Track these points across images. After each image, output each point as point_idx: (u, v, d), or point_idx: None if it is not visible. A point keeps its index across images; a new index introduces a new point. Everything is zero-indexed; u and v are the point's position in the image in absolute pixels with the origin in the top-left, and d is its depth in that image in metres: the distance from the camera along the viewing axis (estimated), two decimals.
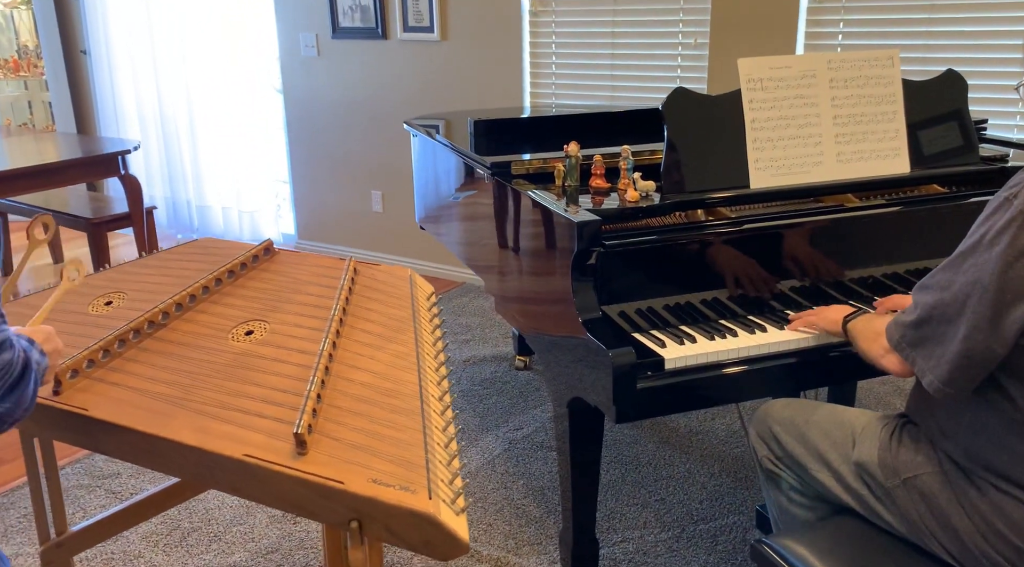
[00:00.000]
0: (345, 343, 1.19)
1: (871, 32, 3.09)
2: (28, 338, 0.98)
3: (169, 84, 5.06)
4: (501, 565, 2.21)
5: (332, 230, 4.80)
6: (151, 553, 2.28)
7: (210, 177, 5.13)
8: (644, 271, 1.83)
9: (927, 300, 1.32)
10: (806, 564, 1.45)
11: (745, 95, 1.95)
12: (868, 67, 2.02)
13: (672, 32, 3.51)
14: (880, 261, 2.01)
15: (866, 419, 1.59)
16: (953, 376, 1.27)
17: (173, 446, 1.06)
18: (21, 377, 0.89)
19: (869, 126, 2.03)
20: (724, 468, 2.64)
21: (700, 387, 1.72)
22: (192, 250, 1.48)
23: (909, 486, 1.43)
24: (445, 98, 4.15)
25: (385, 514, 0.94)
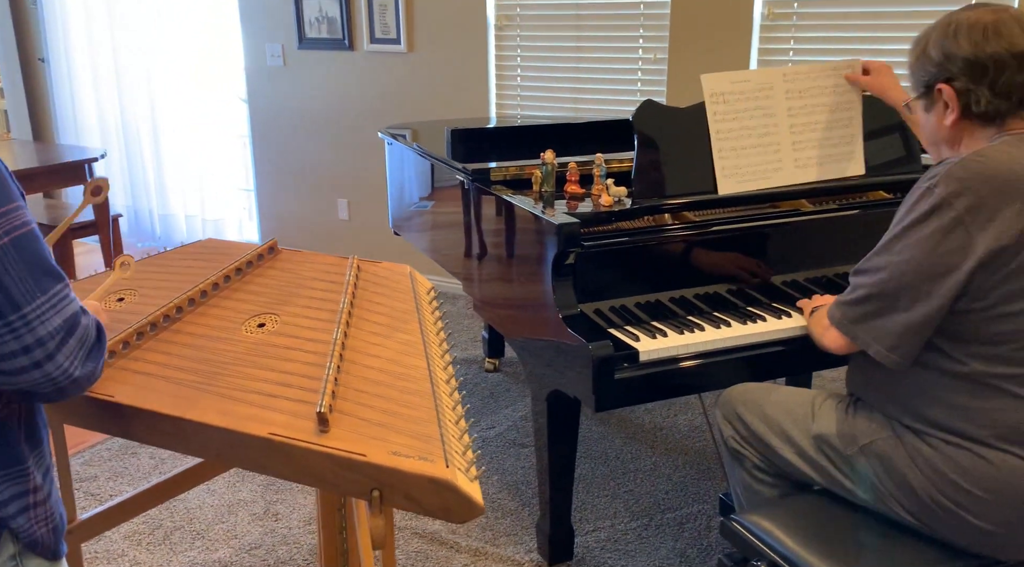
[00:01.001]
0: (355, 333, 1.29)
1: (820, 49, 3.28)
2: None
3: (131, 92, 5.06)
4: (480, 555, 2.31)
5: (297, 238, 4.84)
6: (134, 551, 2.32)
7: (174, 186, 5.13)
8: (617, 271, 1.95)
9: (866, 281, 1.49)
10: (773, 537, 1.58)
11: (709, 108, 2.09)
12: (825, 77, 2.17)
13: (632, 47, 3.66)
14: (832, 261, 2.17)
15: (823, 396, 1.73)
16: (898, 343, 1.45)
17: (200, 428, 1.13)
18: (97, 340, 0.97)
19: (824, 133, 2.19)
20: (687, 461, 2.78)
21: (672, 377, 1.84)
22: (198, 250, 1.56)
23: (867, 452, 1.57)
24: (412, 109, 4.25)
25: (405, 482, 1.03)
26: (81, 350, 0.95)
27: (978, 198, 1.36)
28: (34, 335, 0.90)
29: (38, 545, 0.99)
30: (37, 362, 0.91)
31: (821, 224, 2.13)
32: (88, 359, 0.96)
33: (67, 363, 0.93)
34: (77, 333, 0.95)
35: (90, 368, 0.97)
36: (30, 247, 0.93)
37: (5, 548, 0.96)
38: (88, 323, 0.96)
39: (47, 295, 0.93)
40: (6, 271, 0.90)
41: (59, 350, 0.92)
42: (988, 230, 1.36)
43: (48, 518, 1.01)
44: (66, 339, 0.93)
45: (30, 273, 0.92)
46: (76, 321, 0.95)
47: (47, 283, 0.93)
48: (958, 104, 1.45)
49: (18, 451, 0.98)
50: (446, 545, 2.35)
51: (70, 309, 0.95)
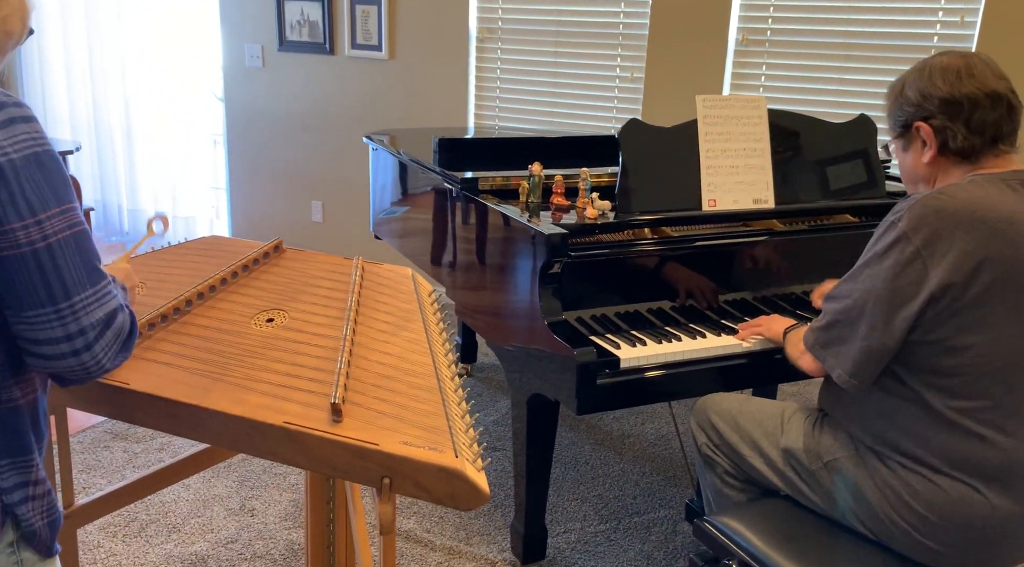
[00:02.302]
0: (362, 330, 1.35)
1: (792, 75, 3.42)
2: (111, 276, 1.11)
3: (105, 87, 5.03)
4: (454, 553, 2.37)
5: (268, 237, 4.85)
6: (110, 543, 2.34)
7: (145, 182, 5.10)
8: (600, 281, 2.04)
9: (833, 307, 1.59)
10: (743, 537, 1.67)
11: (701, 128, 2.20)
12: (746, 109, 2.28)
13: (611, 66, 3.77)
14: (801, 279, 2.28)
15: (792, 410, 1.83)
16: (856, 369, 1.54)
17: (215, 416, 1.18)
18: (130, 335, 1.02)
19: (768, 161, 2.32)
20: (655, 468, 2.87)
21: (650, 384, 1.93)
22: (203, 246, 1.60)
23: (830, 467, 1.67)
24: (391, 115, 4.30)
25: (415, 471, 1.10)
26: (116, 343, 1.00)
27: (934, 233, 1.44)
28: (78, 324, 0.96)
29: (35, 537, 1.03)
30: (76, 350, 0.96)
31: (790, 244, 2.25)
32: (121, 351, 1.01)
33: (102, 354, 0.98)
34: (114, 327, 1.00)
35: (121, 360, 1.02)
36: (85, 243, 0.99)
37: (6, 535, 0.99)
38: (125, 319, 1.02)
39: (95, 288, 0.98)
40: (66, 261, 0.95)
41: (97, 341, 0.98)
42: (941, 265, 1.43)
43: (47, 512, 1.05)
44: (104, 331, 0.98)
45: (84, 266, 0.98)
46: (115, 316, 1.01)
47: (96, 277, 0.99)
48: (935, 141, 1.54)
49: (27, 441, 1.02)
50: (421, 543, 2.40)
51: (112, 304, 1.01)
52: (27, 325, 0.95)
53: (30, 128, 0.96)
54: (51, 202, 0.95)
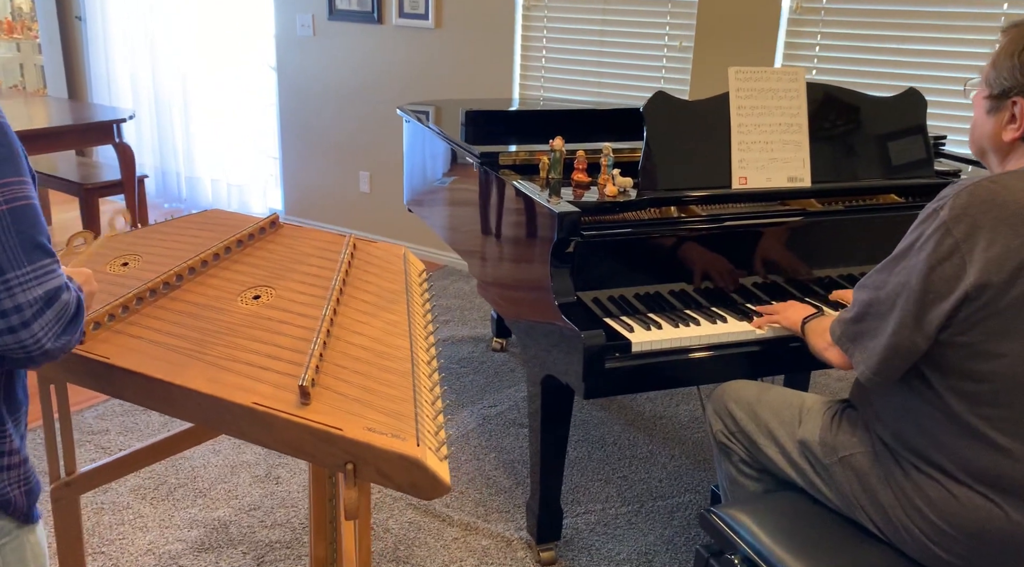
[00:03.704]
0: (344, 310, 1.33)
1: (846, 46, 3.24)
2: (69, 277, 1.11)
3: (164, 56, 5.13)
4: (471, 530, 2.36)
5: (319, 208, 4.90)
6: (139, 505, 2.41)
7: (201, 150, 5.20)
8: (618, 261, 1.97)
9: (863, 298, 1.48)
10: (748, 532, 1.61)
11: (733, 102, 2.10)
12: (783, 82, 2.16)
13: (659, 35, 3.65)
14: (836, 263, 2.17)
15: (812, 402, 1.75)
16: (881, 366, 1.43)
17: (187, 393, 1.18)
18: (75, 315, 1.01)
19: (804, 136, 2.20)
20: (684, 451, 2.81)
21: (663, 369, 1.87)
22: (202, 220, 1.60)
23: (845, 464, 1.59)
24: (436, 85, 4.26)
25: (377, 458, 1.08)
26: (57, 324, 0.99)
27: (976, 225, 1.31)
28: (13, 301, 0.95)
29: (10, 505, 1.04)
30: (12, 327, 0.95)
31: (827, 225, 2.13)
32: (63, 333, 1.00)
33: (41, 333, 0.97)
34: (55, 306, 0.99)
35: (63, 341, 1.01)
36: (26, 220, 0.97)
37: None
38: (69, 299, 1.00)
39: (33, 266, 0.97)
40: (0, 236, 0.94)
41: (35, 319, 0.96)
42: (980, 261, 1.31)
43: (22, 481, 1.06)
44: (43, 310, 0.97)
45: (21, 243, 0.96)
46: (57, 296, 0.99)
47: (36, 256, 0.98)
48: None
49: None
50: (439, 518, 2.41)
51: (53, 283, 0.99)
52: None
53: None
54: None
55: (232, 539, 2.28)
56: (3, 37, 5.92)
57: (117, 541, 2.25)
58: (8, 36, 5.92)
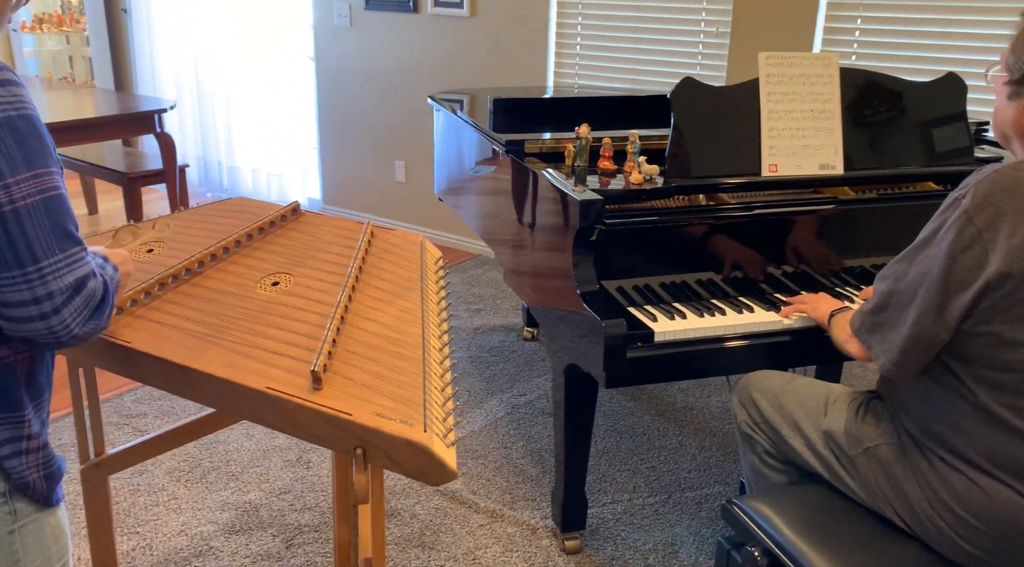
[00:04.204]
0: (359, 297, 1.34)
1: (887, 30, 3.16)
2: (103, 256, 1.14)
3: (206, 47, 5.21)
4: (496, 516, 2.37)
5: (355, 197, 4.94)
6: (173, 487, 2.47)
7: (241, 139, 5.28)
8: (643, 250, 1.96)
9: (883, 289, 1.45)
10: (770, 524, 1.59)
11: (763, 88, 2.06)
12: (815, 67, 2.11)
13: (695, 20, 3.59)
14: (869, 252, 2.12)
15: (838, 392, 1.72)
16: (901, 358, 1.40)
17: (204, 377, 1.21)
18: (102, 301, 1.04)
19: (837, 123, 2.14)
20: (715, 442, 2.78)
21: (687, 359, 1.85)
22: (227, 207, 1.63)
23: (869, 455, 1.56)
24: (471, 74, 4.26)
25: (386, 443, 1.08)
26: (85, 310, 1.02)
27: (999, 214, 1.29)
28: (46, 288, 0.98)
29: (29, 488, 1.07)
30: (44, 314, 0.98)
31: (860, 213, 2.09)
32: (91, 318, 1.03)
33: (70, 319, 1.00)
34: (84, 293, 1.02)
35: (91, 326, 1.04)
36: (57, 209, 1.00)
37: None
38: (96, 286, 1.03)
39: (64, 254, 1.00)
40: (32, 226, 0.97)
41: (65, 306, 0.99)
42: (1003, 251, 1.28)
43: (41, 465, 1.09)
44: (73, 297, 1.00)
45: (52, 232, 0.99)
46: (85, 283, 1.02)
47: (66, 244, 1.01)
48: None
49: (18, 397, 1.06)
50: (465, 504, 2.42)
51: (82, 271, 1.02)
52: None
53: (6, 92, 0.97)
54: (20, 166, 0.96)
55: (262, 522, 2.32)
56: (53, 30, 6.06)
57: (151, 522, 2.31)
58: (58, 29, 6.07)
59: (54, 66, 6.21)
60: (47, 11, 6.04)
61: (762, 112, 2.08)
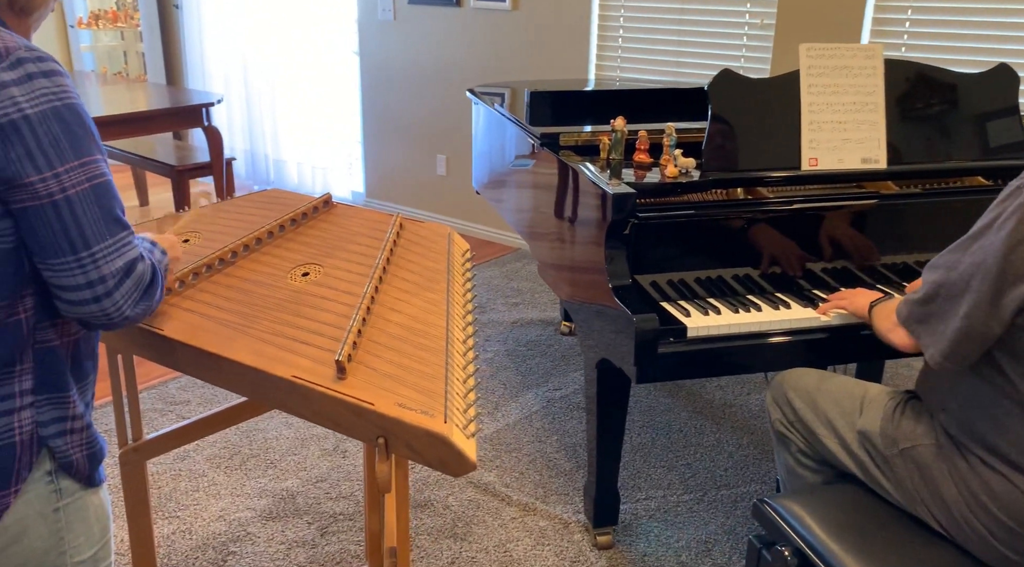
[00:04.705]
0: (386, 288, 1.35)
1: (939, 21, 3.07)
2: (151, 240, 1.17)
3: (254, 42, 5.30)
4: (529, 510, 2.37)
5: (398, 190, 4.98)
6: (213, 473, 2.52)
7: (287, 133, 5.36)
8: (677, 244, 1.94)
9: (934, 278, 1.41)
10: (802, 524, 1.56)
11: (804, 80, 2.02)
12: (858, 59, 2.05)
13: (739, 12, 3.54)
14: (912, 248, 2.07)
15: (875, 392, 1.68)
16: (952, 350, 1.37)
17: (233, 365, 1.23)
18: (151, 283, 1.08)
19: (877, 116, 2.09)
20: (753, 441, 2.74)
21: (719, 356, 1.83)
22: (262, 199, 1.65)
23: (906, 456, 1.52)
24: (513, 67, 4.26)
25: (407, 433, 1.09)
26: (136, 291, 1.06)
27: None
28: (98, 272, 1.01)
29: (72, 467, 1.11)
30: (97, 297, 1.02)
31: (904, 208, 2.04)
32: (141, 300, 1.07)
33: (122, 301, 1.04)
34: (134, 276, 1.06)
35: (142, 308, 1.08)
36: (106, 195, 1.04)
37: (43, 464, 1.08)
38: (145, 269, 1.07)
39: (114, 239, 1.04)
40: (84, 212, 1.01)
41: (117, 288, 1.03)
42: None
43: (85, 445, 1.12)
44: (123, 280, 1.04)
45: (102, 218, 1.03)
46: (135, 266, 1.06)
47: (115, 229, 1.04)
48: None
49: (64, 379, 1.09)
50: (498, 497, 2.43)
51: (131, 254, 1.06)
52: (52, 272, 1.01)
53: (51, 83, 0.99)
54: (68, 155, 0.99)
55: (298, 509, 2.36)
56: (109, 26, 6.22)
57: (191, 507, 2.36)
58: (113, 25, 6.22)
59: (109, 61, 6.37)
60: (103, 7, 6.20)
61: (803, 105, 2.04)
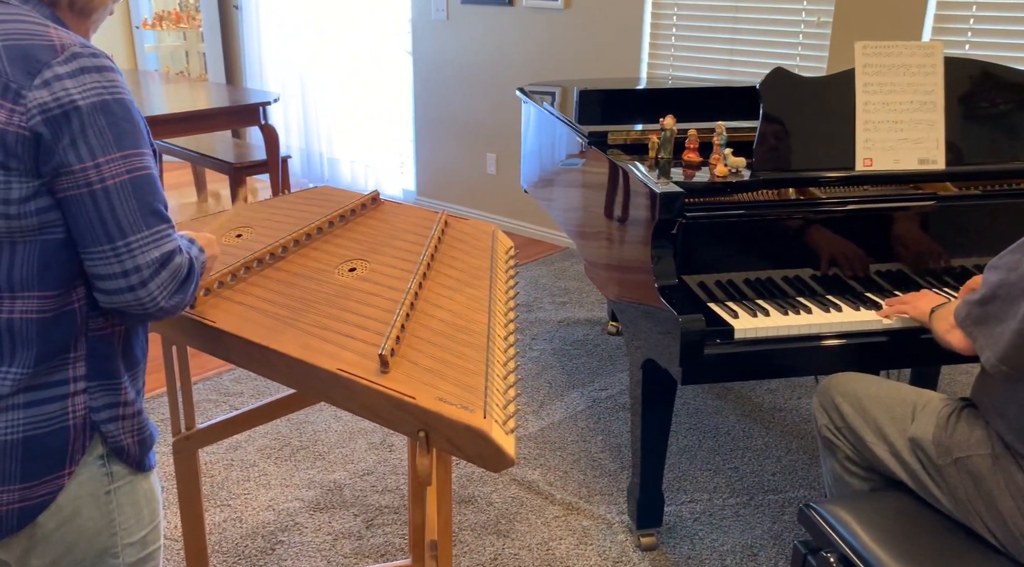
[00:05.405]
0: (429, 284, 1.36)
1: (1005, 17, 2.97)
2: (190, 238, 1.21)
3: (310, 42, 5.39)
4: (572, 509, 2.37)
5: (448, 189, 5.02)
6: (264, 463, 2.58)
7: (341, 132, 5.44)
8: (726, 245, 1.91)
9: (993, 279, 1.37)
10: (849, 530, 1.53)
11: (859, 78, 1.98)
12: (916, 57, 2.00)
13: (795, 9, 3.48)
14: (971, 251, 2.01)
15: (929, 398, 1.64)
16: (1008, 353, 1.33)
17: (280, 357, 1.26)
18: (187, 277, 1.11)
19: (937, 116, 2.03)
20: (803, 445, 2.69)
21: (767, 358, 1.80)
22: (312, 195, 1.69)
23: (960, 465, 1.48)
24: (565, 66, 4.26)
25: (447, 427, 1.10)
26: (172, 283, 1.08)
27: None
28: (133, 262, 1.04)
29: (123, 452, 1.14)
30: (132, 286, 1.05)
31: (965, 210, 1.98)
32: (176, 292, 1.09)
33: (157, 292, 1.07)
34: (170, 268, 1.08)
35: (177, 300, 1.10)
36: (145, 188, 1.07)
37: (95, 448, 1.12)
38: (181, 262, 1.10)
39: (151, 230, 1.07)
40: (121, 202, 1.04)
41: (152, 279, 1.06)
42: None
43: (136, 431, 1.16)
44: (159, 271, 1.07)
45: (139, 209, 1.06)
46: (171, 258, 1.08)
47: (152, 221, 1.07)
48: None
49: (115, 366, 1.13)
50: (541, 495, 2.43)
51: (168, 247, 1.08)
52: (90, 261, 1.05)
53: (102, 77, 1.03)
54: (111, 147, 1.03)
55: (345, 501, 2.40)
56: (172, 27, 6.39)
57: (242, 496, 2.42)
58: (176, 26, 6.39)
59: (172, 61, 6.55)
60: (167, 9, 6.37)
61: (857, 104, 2.00)
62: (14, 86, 0.99)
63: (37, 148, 1.00)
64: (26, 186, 1.00)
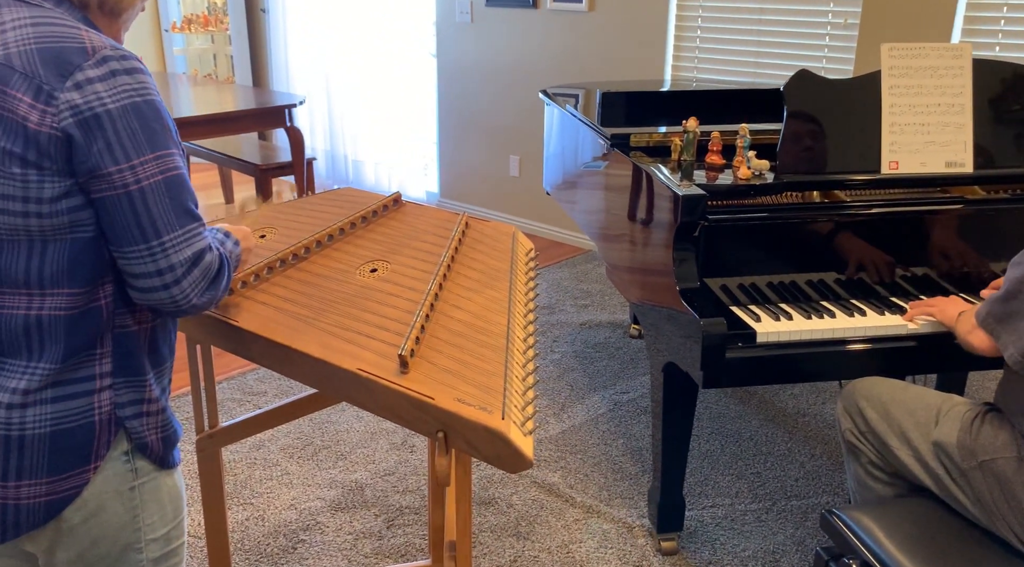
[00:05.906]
0: (449, 285, 1.37)
1: None
2: (225, 232, 1.22)
3: (336, 45, 5.43)
4: (592, 512, 2.37)
5: (471, 191, 5.03)
6: (287, 462, 2.60)
7: (365, 134, 5.48)
8: (749, 248, 1.90)
9: (1016, 275, 1.36)
10: (872, 536, 1.52)
11: (885, 81, 1.96)
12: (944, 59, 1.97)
13: (822, 11, 3.45)
14: (999, 256, 1.98)
15: (953, 402, 1.62)
16: None
17: (301, 356, 1.27)
18: (218, 273, 1.13)
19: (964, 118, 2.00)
20: (826, 451, 2.67)
21: (789, 362, 1.79)
22: (335, 196, 1.70)
23: (985, 469, 1.46)
24: (589, 69, 4.25)
25: (465, 428, 1.11)
26: (203, 281, 1.10)
27: None
28: (168, 261, 1.07)
29: (147, 448, 1.16)
30: (166, 284, 1.07)
31: (993, 214, 1.95)
32: (208, 289, 1.12)
33: (190, 289, 1.09)
34: (201, 266, 1.10)
35: (209, 297, 1.12)
36: (177, 188, 1.09)
37: (120, 444, 1.14)
38: (212, 260, 1.12)
39: (183, 230, 1.09)
40: (156, 202, 1.06)
41: (185, 277, 1.08)
42: None
43: (160, 428, 1.18)
44: (191, 269, 1.09)
45: (173, 209, 1.08)
46: (203, 256, 1.10)
47: (185, 220, 1.09)
48: None
49: (141, 363, 1.15)
50: (562, 498, 2.43)
51: (200, 245, 1.10)
52: (125, 260, 1.07)
53: (132, 79, 1.05)
54: (145, 149, 1.05)
55: (366, 501, 2.41)
56: (200, 30, 6.47)
57: (265, 495, 2.44)
58: (204, 29, 6.47)
59: (200, 63, 6.63)
60: (195, 12, 6.45)
61: (883, 106, 1.98)
62: (47, 88, 1.01)
63: (69, 148, 1.02)
64: (58, 185, 1.03)
